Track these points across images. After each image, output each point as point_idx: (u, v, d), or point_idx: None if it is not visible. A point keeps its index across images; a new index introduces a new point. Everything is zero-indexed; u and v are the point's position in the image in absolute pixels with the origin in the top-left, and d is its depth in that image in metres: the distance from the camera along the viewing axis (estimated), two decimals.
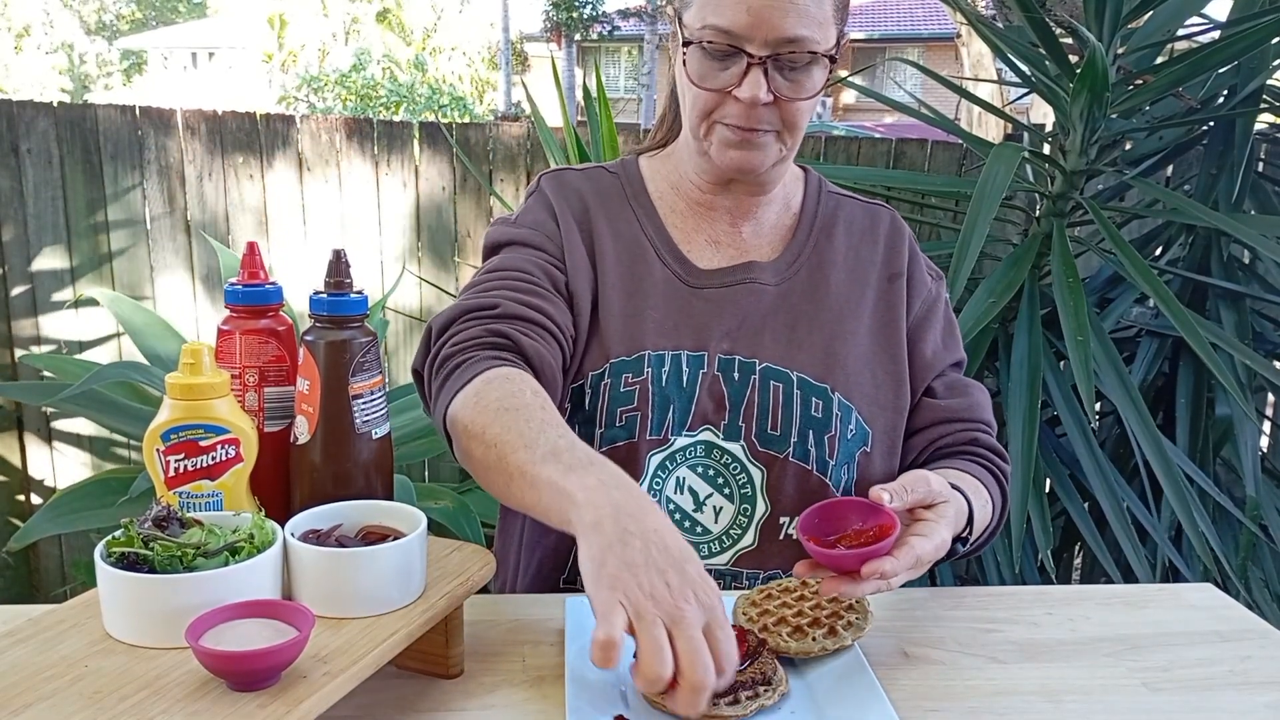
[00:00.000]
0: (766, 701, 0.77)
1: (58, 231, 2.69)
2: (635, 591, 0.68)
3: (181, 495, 0.81)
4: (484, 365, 0.93)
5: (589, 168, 1.16)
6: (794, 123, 1.01)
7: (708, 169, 1.08)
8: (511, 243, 1.08)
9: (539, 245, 1.07)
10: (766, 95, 0.97)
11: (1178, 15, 2.15)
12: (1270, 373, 2.03)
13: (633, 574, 0.69)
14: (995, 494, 1.06)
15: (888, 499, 0.82)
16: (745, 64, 0.96)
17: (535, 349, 0.97)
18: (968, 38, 7.88)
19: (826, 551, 0.80)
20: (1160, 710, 0.83)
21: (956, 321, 1.18)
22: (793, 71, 0.98)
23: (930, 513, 0.86)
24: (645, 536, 0.71)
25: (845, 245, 1.13)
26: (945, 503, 0.87)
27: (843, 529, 0.84)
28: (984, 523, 1.00)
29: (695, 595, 0.69)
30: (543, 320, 0.99)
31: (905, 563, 0.80)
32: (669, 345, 1.04)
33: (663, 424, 1.02)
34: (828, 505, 0.85)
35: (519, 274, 1.03)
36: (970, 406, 1.11)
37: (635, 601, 0.68)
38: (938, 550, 0.83)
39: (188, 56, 25.95)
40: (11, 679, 0.65)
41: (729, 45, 0.96)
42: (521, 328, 0.98)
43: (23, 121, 2.62)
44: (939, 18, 20.49)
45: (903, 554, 0.80)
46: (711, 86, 0.99)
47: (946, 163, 3.07)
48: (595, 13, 18.56)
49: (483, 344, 0.96)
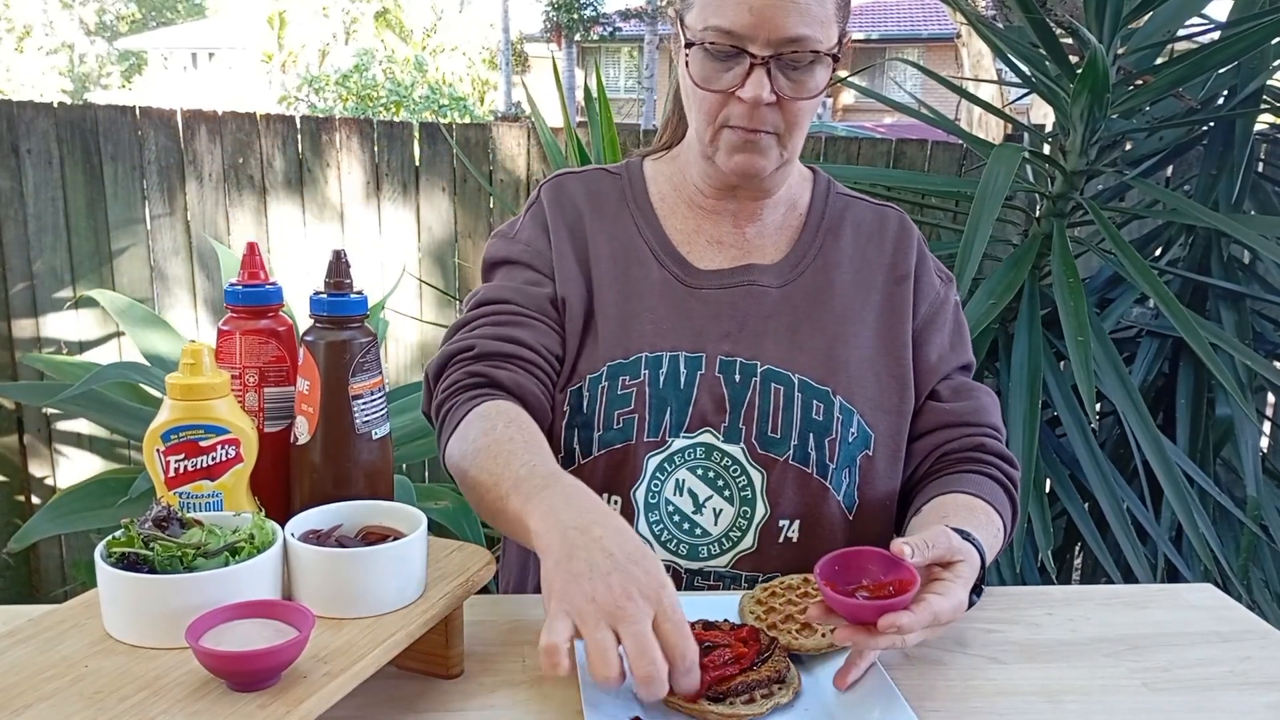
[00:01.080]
0: (781, 700, 0.78)
1: (58, 231, 2.69)
2: (578, 599, 0.71)
3: (181, 495, 0.81)
4: (464, 410, 0.99)
5: (590, 170, 1.17)
6: (795, 123, 1.01)
7: (713, 174, 1.08)
8: (505, 262, 1.13)
9: (529, 262, 1.10)
10: (770, 95, 0.97)
11: (1178, 16, 2.15)
12: (1270, 373, 2.03)
13: (578, 584, 0.72)
14: (1005, 511, 1.04)
15: (909, 552, 0.81)
16: (748, 64, 0.96)
17: (513, 379, 1.02)
18: (968, 38, 7.89)
19: (845, 600, 0.78)
20: (1160, 710, 0.83)
21: (966, 325, 1.17)
22: (795, 71, 0.98)
23: (948, 572, 0.84)
24: (589, 547, 0.74)
25: (852, 246, 1.12)
26: (963, 561, 0.85)
27: (860, 579, 0.83)
28: (994, 554, 0.98)
29: (639, 592, 0.71)
30: (517, 350, 1.04)
31: (922, 619, 0.78)
32: (666, 346, 1.04)
33: (660, 426, 1.02)
34: (848, 553, 0.84)
35: (500, 306, 1.08)
36: (977, 410, 1.10)
37: (578, 608, 0.70)
38: (955, 611, 0.81)
39: (188, 57, 25.95)
40: (11, 679, 0.65)
41: (731, 46, 0.96)
42: (497, 363, 1.03)
43: (23, 121, 2.62)
44: (939, 18, 20.49)
45: (920, 610, 0.78)
46: (715, 88, 0.99)
47: (946, 163, 3.07)
48: (595, 13, 18.57)
49: (464, 387, 1.02)
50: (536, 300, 1.08)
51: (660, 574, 0.73)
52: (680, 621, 0.71)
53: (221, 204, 2.81)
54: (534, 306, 1.07)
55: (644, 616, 0.70)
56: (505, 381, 1.02)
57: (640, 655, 0.68)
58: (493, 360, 1.03)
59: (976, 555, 0.89)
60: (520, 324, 1.06)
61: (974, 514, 0.97)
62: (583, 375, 1.05)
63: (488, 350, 1.03)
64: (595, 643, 0.69)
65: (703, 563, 1.03)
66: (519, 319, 1.06)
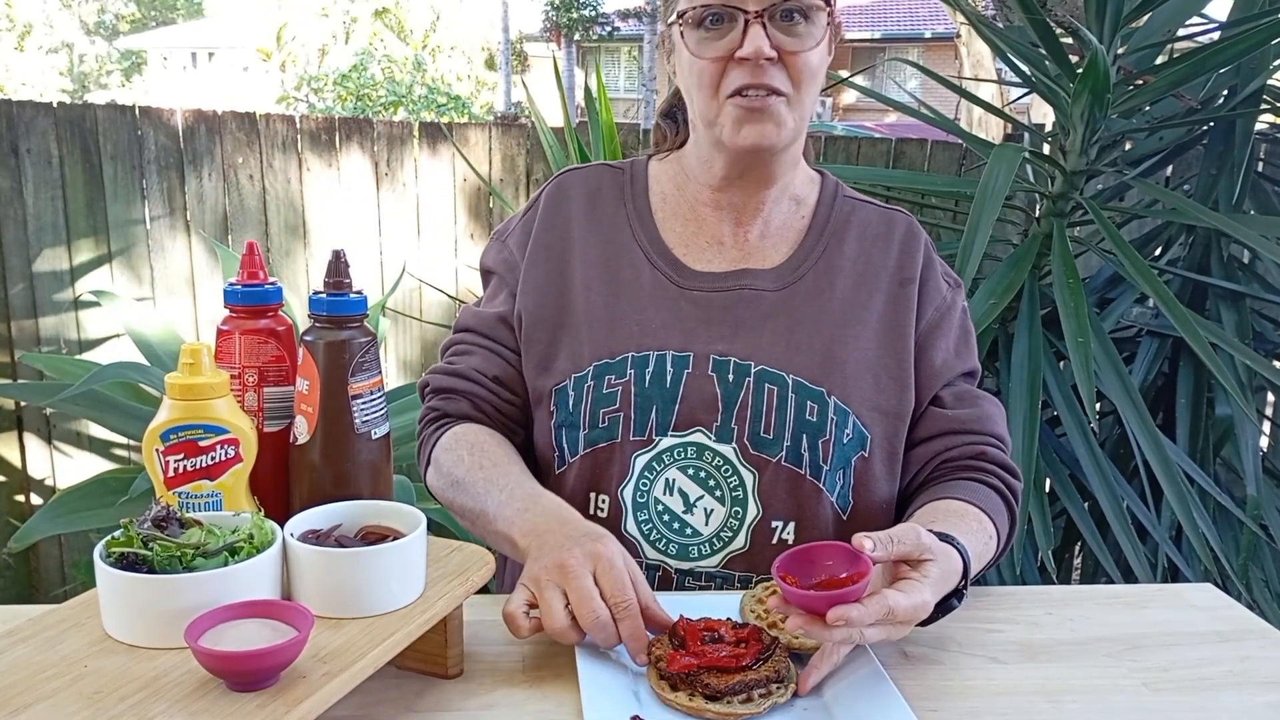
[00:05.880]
0: (780, 699, 0.78)
1: (58, 231, 2.69)
2: (535, 570, 0.84)
3: (181, 495, 0.81)
4: (431, 442, 1.11)
5: (594, 166, 1.17)
6: (802, 80, 0.99)
7: (720, 159, 1.06)
8: (489, 271, 1.19)
9: (502, 274, 1.16)
10: (770, 49, 0.96)
11: (1178, 16, 2.15)
12: (1270, 373, 2.03)
13: (539, 562, 0.85)
14: (1001, 519, 1.02)
15: (870, 546, 0.79)
16: (743, 22, 0.96)
17: (459, 409, 1.11)
18: (968, 38, 7.89)
19: (796, 591, 0.78)
20: (1160, 710, 0.83)
21: (973, 332, 1.15)
22: (792, 24, 0.97)
23: (915, 571, 0.83)
24: (555, 535, 0.88)
25: (857, 250, 1.11)
26: (932, 561, 0.83)
27: (822, 574, 0.82)
28: (984, 560, 0.96)
29: (578, 549, 0.83)
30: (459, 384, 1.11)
31: (873, 613, 0.76)
32: (654, 346, 1.04)
33: (645, 425, 1.02)
34: (811, 548, 0.83)
35: (462, 335, 1.16)
36: (980, 418, 1.08)
37: (533, 577, 0.84)
38: (915, 610, 0.79)
39: (187, 56, 25.95)
40: (11, 679, 0.65)
41: (723, 6, 0.96)
42: (446, 396, 1.12)
43: (23, 121, 2.62)
44: (939, 18, 20.49)
45: (872, 604, 0.77)
46: (713, 55, 0.99)
47: (946, 163, 3.07)
48: (595, 13, 18.57)
49: (428, 420, 1.14)
50: (488, 323, 1.14)
51: (605, 540, 0.85)
52: (618, 571, 0.82)
53: (221, 203, 2.81)
54: (485, 330, 1.14)
55: (584, 571, 0.81)
56: (454, 412, 1.12)
57: (580, 603, 0.80)
58: (443, 394, 1.12)
59: (955, 558, 0.87)
60: (470, 353, 1.14)
61: (963, 519, 0.96)
62: (567, 374, 1.05)
63: (439, 385, 1.13)
64: (543, 602, 0.81)
65: (693, 563, 1.02)
66: (470, 348, 1.14)
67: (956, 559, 0.88)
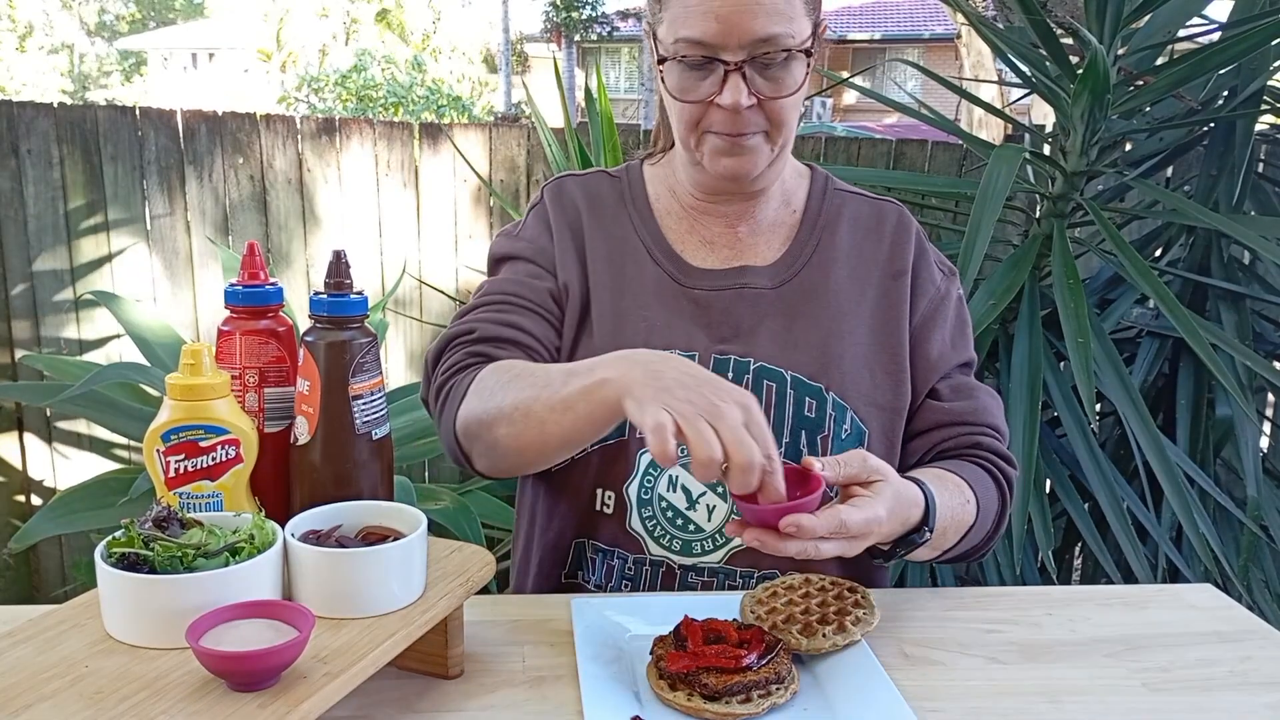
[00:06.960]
0: (779, 700, 0.78)
1: (58, 231, 2.69)
2: (675, 402, 0.77)
3: (182, 496, 0.81)
4: (469, 379, 1.00)
5: (591, 173, 1.18)
6: (781, 120, 1.01)
7: (701, 179, 1.09)
8: (509, 258, 1.14)
9: (532, 258, 1.11)
10: (748, 99, 0.97)
11: (1178, 16, 2.15)
12: (1270, 373, 2.03)
13: (670, 394, 0.78)
14: (987, 492, 1.04)
15: (818, 466, 0.83)
16: (723, 71, 0.97)
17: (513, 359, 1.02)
18: (968, 38, 7.89)
19: (750, 505, 0.80)
20: (1160, 710, 0.83)
21: (969, 320, 1.17)
22: (771, 70, 0.98)
23: (866, 489, 0.86)
24: (672, 367, 0.81)
25: (849, 242, 1.12)
26: (882, 481, 0.86)
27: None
28: (960, 521, 0.98)
29: (731, 396, 0.78)
30: (516, 336, 1.05)
31: (825, 524, 0.79)
32: (660, 344, 1.04)
33: None
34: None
35: (502, 295, 1.09)
36: (976, 410, 1.10)
37: (677, 408, 0.76)
38: (867, 523, 0.82)
39: (187, 57, 25.97)
40: (12, 679, 0.65)
41: (704, 56, 0.97)
42: (496, 345, 1.04)
43: (23, 122, 2.62)
44: (940, 18, 20.49)
45: (825, 515, 0.80)
46: (693, 99, 1.00)
47: (946, 163, 3.07)
48: (595, 13, 18.57)
49: (465, 366, 1.03)
50: (538, 293, 1.09)
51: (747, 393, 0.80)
52: (766, 426, 0.78)
53: (221, 204, 2.81)
54: (535, 298, 1.08)
55: (738, 417, 0.76)
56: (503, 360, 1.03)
57: (739, 444, 0.75)
58: (493, 343, 1.04)
59: (915, 490, 0.90)
60: (521, 312, 1.07)
61: (939, 479, 0.98)
62: None
63: (488, 334, 1.04)
64: (697, 434, 0.75)
65: (696, 558, 1.03)
66: (520, 308, 1.08)
67: (916, 492, 0.90)
